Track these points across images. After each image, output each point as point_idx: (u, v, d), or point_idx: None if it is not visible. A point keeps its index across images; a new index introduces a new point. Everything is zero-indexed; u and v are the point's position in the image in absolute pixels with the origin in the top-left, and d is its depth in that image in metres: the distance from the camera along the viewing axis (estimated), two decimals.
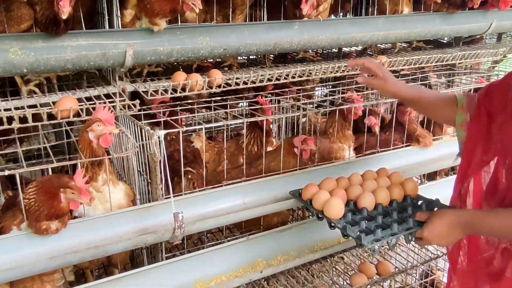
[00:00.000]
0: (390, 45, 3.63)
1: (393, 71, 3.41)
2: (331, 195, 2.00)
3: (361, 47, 3.67)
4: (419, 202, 2.04)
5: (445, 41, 3.90)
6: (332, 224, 1.91)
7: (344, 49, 3.79)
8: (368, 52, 3.58)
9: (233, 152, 2.57)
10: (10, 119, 1.95)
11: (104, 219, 1.91)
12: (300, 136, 2.41)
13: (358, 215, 1.95)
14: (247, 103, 2.97)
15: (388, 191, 2.06)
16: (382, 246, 2.96)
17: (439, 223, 1.65)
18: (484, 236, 1.70)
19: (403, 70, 3.75)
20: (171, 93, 2.25)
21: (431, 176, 3.50)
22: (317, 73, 2.67)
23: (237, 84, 2.41)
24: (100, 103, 2.04)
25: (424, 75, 3.55)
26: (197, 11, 2.13)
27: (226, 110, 2.73)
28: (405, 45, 3.74)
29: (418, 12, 3.26)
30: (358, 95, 2.83)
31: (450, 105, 1.85)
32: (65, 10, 1.86)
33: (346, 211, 1.94)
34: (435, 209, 1.96)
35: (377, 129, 2.89)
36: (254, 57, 3.24)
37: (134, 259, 2.49)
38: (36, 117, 1.99)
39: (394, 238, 1.78)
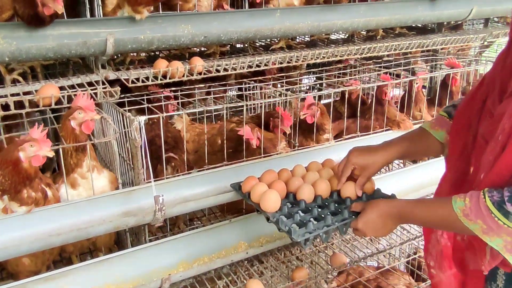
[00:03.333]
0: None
1: (375, 57, 3.49)
2: (270, 188, 1.93)
3: (343, 34, 3.71)
4: (360, 193, 1.96)
5: (429, 28, 3.95)
6: (268, 218, 1.85)
7: (332, 36, 3.83)
8: (354, 39, 3.62)
9: (213, 134, 2.62)
10: None
11: (86, 202, 1.97)
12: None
13: (296, 208, 1.89)
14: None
15: (329, 183, 1.99)
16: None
17: (372, 214, 1.62)
18: (416, 225, 1.67)
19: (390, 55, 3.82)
20: (152, 80, 2.31)
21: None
22: (298, 60, 2.71)
23: (217, 71, 2.46)
24: (82, 91, 2.10)
25: (407, 61, 3.61)
26: None
27: (209, 96, 2.79)
28: (390, 31, 3.79)
29: None
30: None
31: (428, 139, 1.77)
32: (60, 7, 1.94)
33: (284, 204, 1.89)
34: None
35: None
36: (242, 45, 3.28)
37: (120, 243, 2.56)
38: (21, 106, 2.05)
39: (326, 230, 1.73)
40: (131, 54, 2.71)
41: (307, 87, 4.00)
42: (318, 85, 3.36)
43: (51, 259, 2.25)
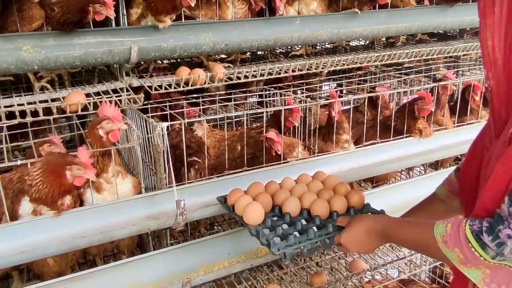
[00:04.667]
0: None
1: (396, 64, 3.49)
2: (255, 200, 1.89)
3: (363, 41, 3.72)
4: (348, 207, 1.91)
5: (450, 34, 3.93)
6: (249, 230, 1.81)
7: (352, 43, 3.84)
8: (374, 46, 3.62)
9: (234, 140, 2.66)
10: (23, 114, 2.08)
11: (110, 206, 2.02)
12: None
13: (280, 221, 1.83)
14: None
15: (317, 196, 1.94)
16: None
17: (356, 229, 1.55)
18: (398, 245, 1.59)
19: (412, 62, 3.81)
20: (174, 88, 2.36)
21: (434, 166, 3.56)
22: (318, 67, 2.74)
23: (238, 78, 2.50)
24: (107, 98, 2.16)
25: (428, 67, 3.60)
26: (193, 5, 2.23)
27: (230, 103, 2.84)
28: (411, 38, 3.78)
29: (420, 5, 3.30)
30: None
31: (438, 203, 1.73)
32: (112, 12, 2.08)
33: (268, 217, 1.84)
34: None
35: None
36: (262, 52, 3.32)
37: (142, 246, 2.61)
38: (49, 112, 2.12)
39: (308, 244, 1.67)
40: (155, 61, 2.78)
41: (327, 94, 4.02)
42: (338, 92, 3.36)
43: (75, 260, 2.32)
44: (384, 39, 3.70)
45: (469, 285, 1.37)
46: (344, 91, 3.35)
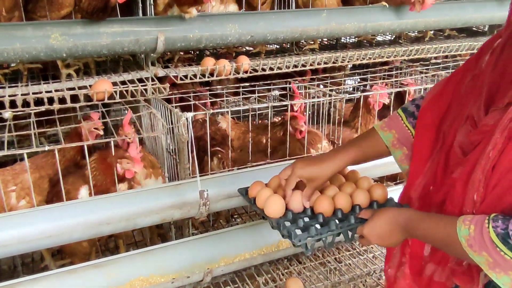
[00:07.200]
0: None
1: (423, 59, 3.43)
2: (276, 193, 1.86)
3: (389, 35, 3.66)
4: (371, 202, 1.84)
5: (480, 30, 3.84)
6: (270, 223, 1.78)
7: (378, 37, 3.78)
8: (399, 41, 3.57)
9: (258, 133, 2.65)
10: (51, 101, 2.10)
11: (135, 194, 2.04)
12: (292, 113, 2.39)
13: (301, 214, 1.79)
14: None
15: (339, 189, 1.88)
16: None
17: (380, 221, 1.49)
18: (419, 240, 1.50)
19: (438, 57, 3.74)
20: (200, 78, 2.36)
21: None
22: (344, 60, 2.70)
23: (263, 70, 2.49)
24: (133, 87, 2.17)
25: (456, 63, 3.52)
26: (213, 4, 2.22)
27: (253, 95, 2.82)
28: (439, 33, 3.71)
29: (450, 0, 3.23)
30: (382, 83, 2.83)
31: (377, 141, 1.66)
32: None
33: (289, 210, 1.80)
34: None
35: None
36: (288, 45, 3.29)
37: (163, 235, 2.64)
38: (75, 99, 2.14)
39: (329, 235, 1.64)
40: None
41: (351, 88, 3.98)
42: (362, 87, 3.33)
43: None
44: (411, 33, 3.64)
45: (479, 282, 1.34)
46: (368, 86, 3.30)
